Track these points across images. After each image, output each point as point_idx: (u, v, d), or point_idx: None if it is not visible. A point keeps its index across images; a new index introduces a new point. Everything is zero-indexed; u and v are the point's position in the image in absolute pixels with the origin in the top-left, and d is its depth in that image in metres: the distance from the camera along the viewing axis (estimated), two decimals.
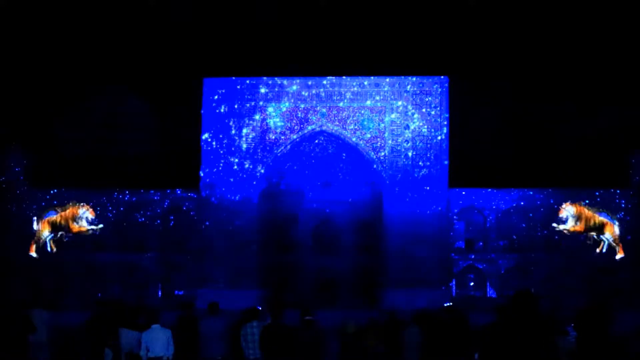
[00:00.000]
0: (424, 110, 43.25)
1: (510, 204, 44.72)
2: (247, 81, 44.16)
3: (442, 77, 43.72)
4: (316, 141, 45.44)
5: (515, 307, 8.51)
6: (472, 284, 44.36)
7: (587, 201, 44.06)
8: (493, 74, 50.37)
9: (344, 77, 43.75)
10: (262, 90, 43.88)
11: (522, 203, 44.57)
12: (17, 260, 43.19)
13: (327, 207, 47.28)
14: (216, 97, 44.03)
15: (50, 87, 51.55)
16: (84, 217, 41.98)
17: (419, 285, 41.65)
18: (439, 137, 43.11)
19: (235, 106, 43.88)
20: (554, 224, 42.19)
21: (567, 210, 41.99)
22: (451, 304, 35.45)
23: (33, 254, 41.88)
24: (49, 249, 42.02)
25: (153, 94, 49.74)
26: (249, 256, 42.84)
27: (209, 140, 43.86)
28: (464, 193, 44.87)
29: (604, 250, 41.77)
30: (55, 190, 45.30)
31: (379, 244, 44.48)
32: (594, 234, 41.88)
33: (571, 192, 44.43)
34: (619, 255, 41.47)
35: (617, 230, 41.86)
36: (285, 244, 46.89)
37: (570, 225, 41.89)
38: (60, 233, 41.97)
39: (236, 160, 43.65)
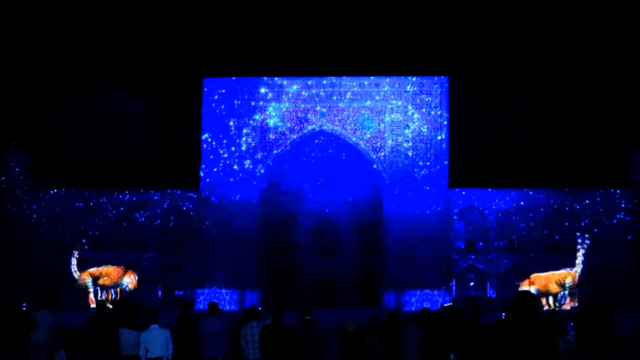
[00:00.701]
0: (424, 110, 43.24)
1: (510, 204, 44.72)
2: (247, 81, 44.17)
3: (442, 77, 43.72)
4: (316, 141, 45.45)
5: (515, 307, 8.50)
6: (472, 284, 44.35)
7: (587, 201, 44.09)
8: (493, 74, 50.39)
9: (344, 77, 43.74)
10: (262, 90, 43.88)
11: (522, 203, 44.58)
12: (17, 259, 43.25)
13: (327, 207, 47.31)
14: (216, 97, 44.03)
15: (50, 87, 51.58)
16: (124, 284, 40.61)
17: (419, 286, 41.68)
18: (439, 137, 43.09)
19: (235, 106, 43.89)
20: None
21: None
22: (451, 304, 35.53)
23: (92, 305, 39.23)
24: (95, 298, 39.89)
25: (153, 94, 49.77)
26: (249, 256, 42.81)
27: (209, 140, 43.87)
28: (464, 193, 44.89)
29: (563, 302, 38.52)
30: (55, 190, 45.37)
31: (379, 244, 44.48)
32: (557, 291, 38.83)
33: (571, 192, 44.48)
34: (567, 307, 37.84)
35: (577, 276, 38.81)
36: (285, 244, 46.91)
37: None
38: (97, 288, 40.51)
39: (236, 160, 43.65)
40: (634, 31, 49.62)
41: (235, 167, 43.62)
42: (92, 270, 41.00)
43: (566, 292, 38.99)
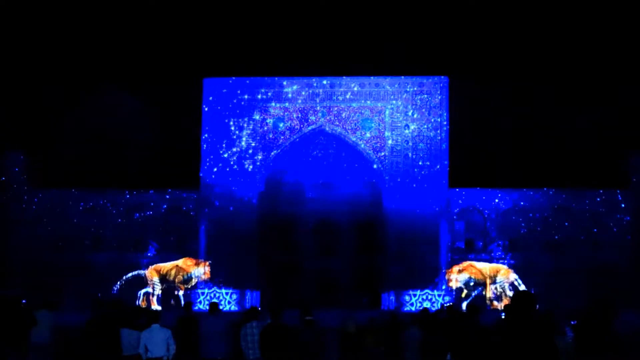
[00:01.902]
0: (424, 110, 43.22)
1: (510, 204, 44.70)
2: (247, 81, 44.14)
3: (442, 77, 43.70)
4: (316, 141, 45.44)
5: (514, 308, 8.52)
6: (472, 283, 44.30)
7: (587, 201, 44.10)
8: (493, 74, 50.42)
9: (344, 77, 43.73)
10: (262, 90, 43.87)
11: (522, 203, 44.55)
12: (17, 259, 43.26)
13: (327, 207, 47.28)
14: (216, 96, 44.01)
15: (50, 88, 51.60)
16: (196, 276, 39.96)
17: (419, 286, 41.67)
18: (439, 137, 43.07)
19: (235, 106, 43.86)
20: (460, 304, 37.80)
21: (458, 278, 39.67)
22: (451, 303, 35.52)
23: (153, 306, 38.22)
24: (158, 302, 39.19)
25: (153, 94, 49.79)
26: (249, 256, 42.75)
27: (209, 140, 43.85)
28: (464, 193, 44.87)
29: (490, 302, 38.91)
30: (56, 190, 45.35)
31: (378, 243, 44.47)
32: (492, 286, 39.34)
33: (571, 192, 44.47)
34: (502, 304, 37.18)
35: (512, 274, 39.31)
36: (285, 243, 46.89)
37: (465, 292, 39.56)
38: (164, 285, 39.69)
39: (236, 160, 43.63)
40: (634, 31, 49.64)
41: (235, 167, 43.60)
42: (160, 266, 40.53)
43: (497, 285, 39.15)
